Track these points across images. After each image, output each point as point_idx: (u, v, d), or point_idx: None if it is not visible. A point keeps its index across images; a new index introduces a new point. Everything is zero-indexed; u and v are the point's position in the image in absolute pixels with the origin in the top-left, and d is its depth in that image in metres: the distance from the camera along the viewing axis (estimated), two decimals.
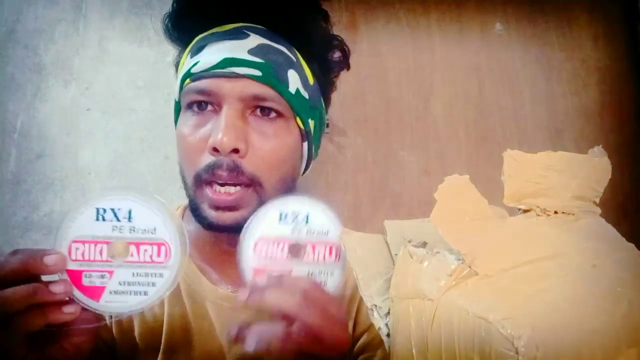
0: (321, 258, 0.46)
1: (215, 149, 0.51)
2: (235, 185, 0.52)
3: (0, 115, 1.12)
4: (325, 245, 0.46)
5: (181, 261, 0.43)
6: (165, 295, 0.42)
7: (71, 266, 0.41)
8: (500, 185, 0.38)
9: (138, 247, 0.42)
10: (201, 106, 0.54)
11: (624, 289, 0.30)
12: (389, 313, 0.37)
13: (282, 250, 0.46)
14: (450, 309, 0.30)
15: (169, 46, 0.61)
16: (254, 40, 0.54)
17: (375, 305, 0.39)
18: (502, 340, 0.27)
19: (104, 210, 0.42)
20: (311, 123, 0.58)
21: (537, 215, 0.37)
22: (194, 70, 0.53)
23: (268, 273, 0.45)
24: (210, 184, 0.52)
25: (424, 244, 0.38)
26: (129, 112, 1.16)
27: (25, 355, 0.39)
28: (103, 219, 0.42)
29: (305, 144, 0.59)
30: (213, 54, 0.53)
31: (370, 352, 0.60)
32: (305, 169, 0.63)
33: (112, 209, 0.42)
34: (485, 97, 1.26)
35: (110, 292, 0.41)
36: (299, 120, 0.56)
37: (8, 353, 0.38)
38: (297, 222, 0.46)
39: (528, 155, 0.38)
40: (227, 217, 0.52)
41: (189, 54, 0.56)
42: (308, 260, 0.46)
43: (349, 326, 0.61)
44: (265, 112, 0.54)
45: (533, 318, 0.27)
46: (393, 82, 1.25)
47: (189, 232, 0.62)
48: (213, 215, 0.52)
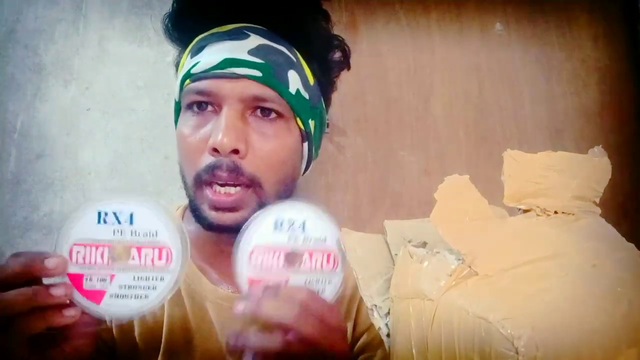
0: (319, 266, 0.45)
1: (215, 150, 0.51)
2: (235, 185, 0.52)
3: (0, 115, 1.12)
4: (322, 252, 0.45)
5: (182, 265, 0.42)
6: (166, 299, 0.42)
7: (72, 269, 0.40)
8: (500, 185, 0.38)
9: (139, 251, 0.42)
10: (201, 107, 0.54)
11: (624, 289, 0.30)
12: (389, 313, 0.38)
13: (278, 260, 0.44)
14: (450, 309, 0.30)
15: (169, 46, 0.61)
16: (254, 40, 0.54)
17: (375, 305, 0.39)
18: (502, 340, 0.27)
19: (106, 213, 0.41)
20: (311, 123, 0.58)
21: (537, 215, 0.37)
22: (194, 70, 0.53)
23: (264, 283, 0.43)
24: (210, 185, 0.52)
25: (424, 244, 0.38)
26: (129, 112, 1.16)
27: (26, 357, 0.39)
28: (105, 222, 0.41)
29: (306, 144, 0.59)
30: (213, 54, 0.53)
31: (370, 352, 0.60)
32: (306, 170, 0.63)
33: (114, 212, 0.42)
34: (485, 97, 1.26)
35: (111, 296, 0.41)
36: (299, 120, 0.56)
37: (9, 355, 0.38)
38: (294, 230, 0.45)
39: (528, 155, 0.38)
40: (227, 218, 0.52)
41: (189, 54, 0.56)
42: (305, 268, 0.45)
43: (349, 326, 0.61)
44: (266, 113, 0.54)
45: (533, 318, 0.27)
46: (393, 82, 1.25)
47: (189, 232, 0.62)
48: (213, 216, 0.52)
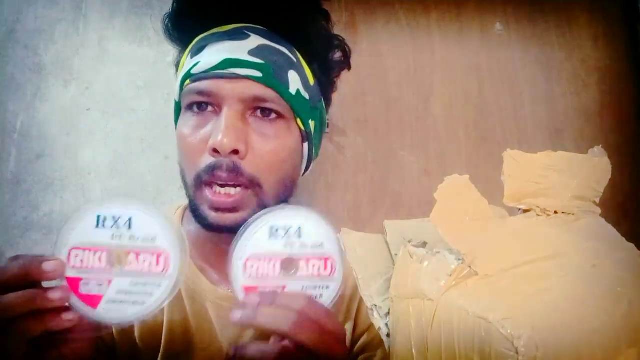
0: (315, 272, 0.44)
1: (215, 150, 0.51)
2: (234, 186, 0.52)
3: (0, 115, 1.12)
4: (319, 258, 0.44)
5: (180, 272, 0.42)
6: (163, 306, 0.41)
7: (70, 273, 0.40)
8: (500, 185, 0.38)
9: (137, 256, 0.41)
10: (201, 107, 0.54)
11: (624, 289, 0.30)
12: (389, 313, 0.38)
13: (275, 267, 0.44)
14: (450, 309, 0.30)
15: (169, 46, 0.61)
16: (255, 41, 0.54)
17: (375, 305, 0.39)
18: (502, 340, 0.27)
19: (105, 218, 0.41)
20: (312, 124, 0.58)
21: (537, 215, 0.37)
22: (194, 71, 0.53)
23: (261, 291, 0.43)
24: (210, 185, 0.52)
25: (424, 244, 0.38)
26: (129, 112, 1.16)
27: None
28: (103, 226, 0.41)
29: (306, 144, 0.59)
30: (213, 54, 0.53)
31: (370, 352, 0.60)
32: (306, 170, 0.63)
33: (113, 217, 0.41)
34: (485, 97, 1.26)
35: (107, 301, 0.41)
36: (299, 121, 0.56)
37: (8, 358, 0.38)
38: (289, 236, 0.44)
39: (528, 155, 0.38)
40: (227, 219, 0.52)
41: (189, 55, 0.56)
42: (302, 275, 0.44)
43: (349, 327, 0.61)
44: (266, 114, 0.54)
45: (533, 318, 0.27)
46: (393, 82, 1.25)
47: (189, 232, 0.62)
48: (213, 216, 0.52)
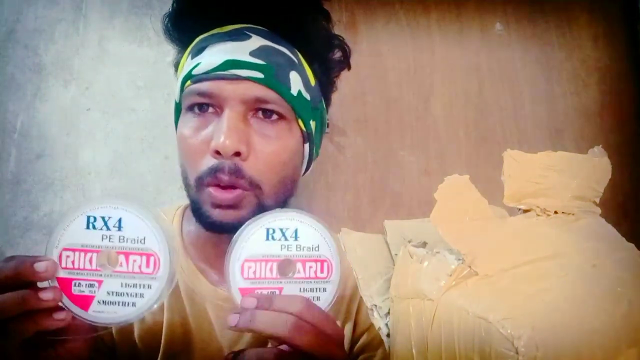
0: (312, 274, 0.44)
1: (217, 152, 0.50)
2: (235, 188, 0.52)
3: (0, 115, 1.12)
4: (316, 260, 0.44)
5: (170, 273, 0.42)
6: (154, 307, 0.41)
7: (61, 274, 0.40)
8: (500, 185, 0.37)
9: (127, 257, 0.41)
10: (202, 108, 0.53)
11: (624, 289, 0.30)
12: (389, 313, 0.37)
13: (272, 269, 0.44)
14: (450, 309, 0.30)
15: (169, 46, 0.61)
16: (256, 41, 0.54)
17: (375, 305, 0.39)
18: (502, 340, 0.27)
19: (95, 219, 0.41)
20: (312, 124, 0.58)
21: (537, 215, 0.37)
22: (195, 72, 0.53)
23: (258, 294, 0.43)
24: (212, 186, 0.52)
25: (424, 244, 0.38)
26: (129, 112, 1.16)
27: None
28: (94, 227, 0.41)
29: (307, 145, 0.59)
30: (214, 55, 0.53)
31: (370, 352, 0.60)
32: (306, 170, 0.63)
33: (103, 217, 0.41)
34: (485, 97, 1.26)
35: (99, 302, 0.41)
36: (300, 122, 0.56)
37: (3, 358, 0.38)
38: (286, 239, 0.44)
39: (528, 155, 0.38)
40: (229, 215, 0.52)
41: (190, 55, 0.56)
42: (299, 277, 0.44)
43: (349, 327, 0.61)
44: (267, 115, 0.54)
45: (533, 318, 0.27)
46: (393, 82, 1.25)
47: (189, 232, 0.62)
48: (216, 214, 0.52)
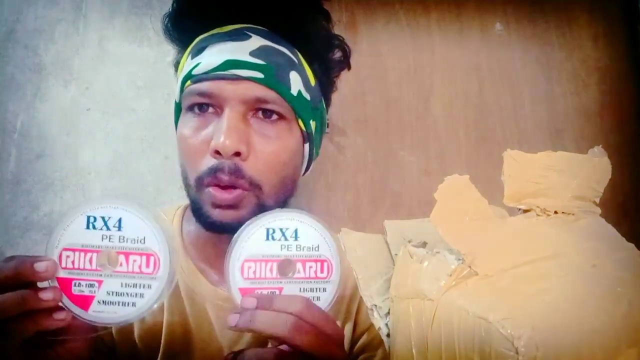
0: (312, 274, 0.44)
1: (217, 152, 0.50)
2: (235, 188, 0.52)
3: (0, 115, 1.12)
4: (316, 260, 0.45)
5: (170, 273, 0.42)
6: (154, 307, 0.41)
7: (61, 274, 0.40)
8: (500, 185, 0.37)
9: (127, 257, 0.41)
10: (202, 108, 0.53)
11: (624, 289, 0.30)
12: (389, 313, 0.37)
13: (272, 269, 0.44)
14: (450, 309, 0.30)
15: (169, 46, 0.61)
16: (256, 41, 0.54)
17: (375, 305, 0.39)
18: (502, 340, 0.27)
19: (94, 219, 0.41)
20: (312, 124, 0.58)
21: (537, 215, 0.37)
22: (195, 72, 0.53)
23: (258, 293, 0.43)
24: (212, 186, 0.52)
25: (424, 244, 0.38)
26: (129, 112, 1.16)
27: None
28: (93, 227, 0.41)
29: (307, 145, 0.59)
30: (214, 55, 0.53)
31: (370, 352, 0.60)
32: (306, 170, 0.63)
33: (102, 218, 0.41)
34: (485, 97, 1.26)
35: (99, 302, 0.41)
36: (300, 122, 0.56)
37: (3, 358, 0.38)
38: (286, 239, 0.44)
39: (528, 155, 0.38)
40: (229, 215, 0.52)
41: (190, 55, 0.56)
42: (299, 277, 0.44)
43: (349, 327, 0.61)
44: (267, 115, 0.54)
45: (533, 318, 0.27)
46: (393, 82, 1.25)
47: (189, 233, 0.62)
48: (216, 214, 0.52)
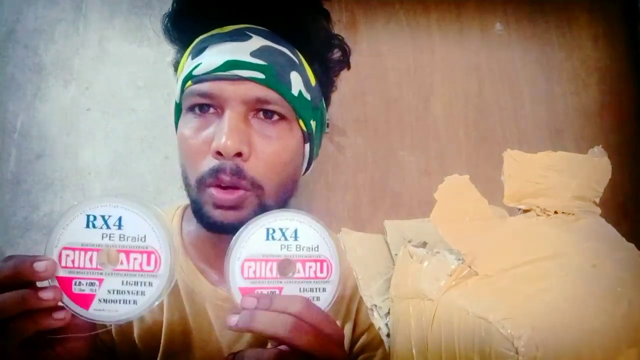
0: (312, 274, 0.44)
1: (218, 153, 0.50)
2: (236, 189, 0.52)
3: (0, 115, 1.12)
4: (315, 260, 0.45)
5: (171, 271, 0.42)
6: (155, 304, 0.41)
7: (61, 273, 0.40)
8: (500, 185, 0.37)
9: (128, 255, 0.41)
10: (203, 109, 0.53)
11: (624, 289, 0.30)
12: (389, 313, 0.37)
13: (271, 269, 0.44)
14: (450, 309, 0.30)
15: (169, 46, 0.61)
16: (256, 42, 0.53)
17: (375, 305, 0.39)
18: (502, 340, 0.26)
19: (94, 217, 0.41)
20: (313, 124, 0.58)
21: (537, 215, 0.37)
22: (195, 72, 0.53)
23: (258, 293, 0.43)
24: (214, 187, 0.52)
25: (424, 244, 0.38)
26: (129, 112, 1.16)
27: None
28: (93, 226, 0.41)
29: (307, 145, 0.59)
30: (215, 56, 0.53)
31: (370, 352, 0.60)
32: (307, 170, 0.63)
33: (102, 216, 0.41)
34: (485, 97, 1.26)
35: (99, 301, 0.41)
36: (301, 122, 0.56)
37: (3, 358, 0.38)
38: (286, 239, 0.44)
39: (528, 155, 0.38)
40: (230, 216, 0.52)
41: (190, 55, 0.56)
42: (299, 277, 0.44)
43: (349, 327, 0.61)
44: (268, 115, 0.53)
45: (533, 318, 0.27)
46: (393, 82, 1.25)
47: (189, 232, 0.62)
48: (217, 214, 0.52)
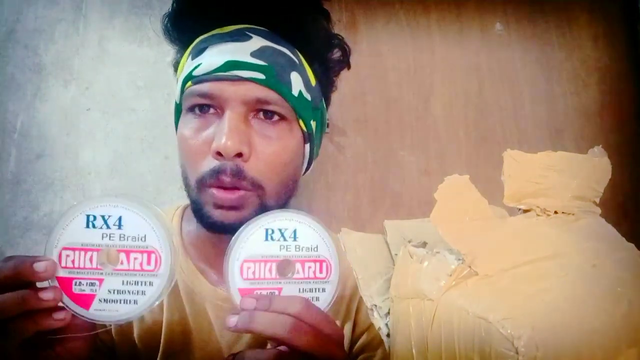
0: (311, 275, 0.44)
1: (219, 153, 0.50)
2: (237, 189, 0.52)
3: (0, 115, 1.12)
4: (315, 261, 0.45)
5: (171, 270, 0.42)
6: (155, 304, 0.41)
7: (61, 273, 0.40)
8: (500, 185, 0.37)
9: (128, 255, 0.41)
10: (203, 109, 0.53)
11: (624, 289, 0.30)
12: (389, 313, 0.37)
13: (271, 269, 0.44)
14: (450, 309, 0.30)
15: (169, 46, 0.61)
16: (257, 42, 0.53)
17: (375, 305, 0.39)
18: (502, 340, 0.26)
19: (94, 217, 0.41)
20: (313, 124, 0.58)
21: (537, 215, 0.37)
22: (195, 72, 0.53)
23: (257, 294, 0.43)
24: (214, 187, 0.52)
25: (424, 244, 0.38)
26: (129, 112, 1.16)
27: None
28: (93, 226, 0.41)
29: (307, 145, 0.59)
30: (215, 56, 0.52)
31: (370, 352, 0.60)
32: (307, 170, 0.63)
33: (102, 216, 0.41)
34: (485, 97, 1.26)
35: (100, 301, 0.41)
36: (301, 122, 0.56)
37: (3, 359, 0.38)
38: (285, 239, 0.44)
39: (528, 155, 0.38)
40: (231, 216, 0.52)
41: (190, 56, 0.56)
42: (298, 277, 0.44)
43: (349, 326, 0.61)
44: (268, 116, 0.53)
45: (533, 318, 0.27)
46: (393, 82, 1.25)
47: (189, 232, 0.62)
48: (217, 215, 0.52)
